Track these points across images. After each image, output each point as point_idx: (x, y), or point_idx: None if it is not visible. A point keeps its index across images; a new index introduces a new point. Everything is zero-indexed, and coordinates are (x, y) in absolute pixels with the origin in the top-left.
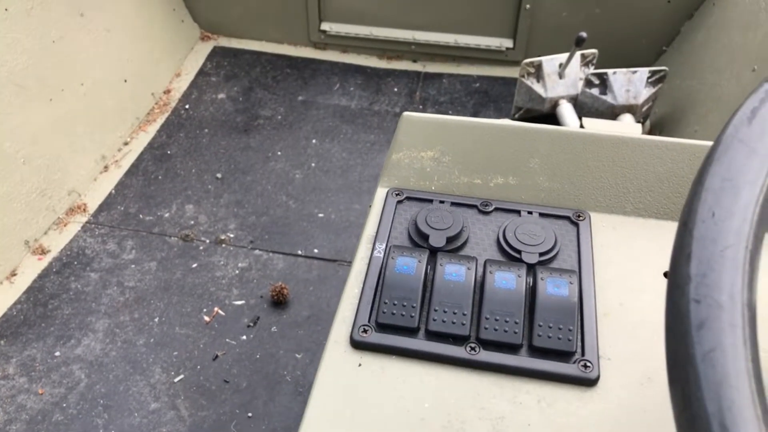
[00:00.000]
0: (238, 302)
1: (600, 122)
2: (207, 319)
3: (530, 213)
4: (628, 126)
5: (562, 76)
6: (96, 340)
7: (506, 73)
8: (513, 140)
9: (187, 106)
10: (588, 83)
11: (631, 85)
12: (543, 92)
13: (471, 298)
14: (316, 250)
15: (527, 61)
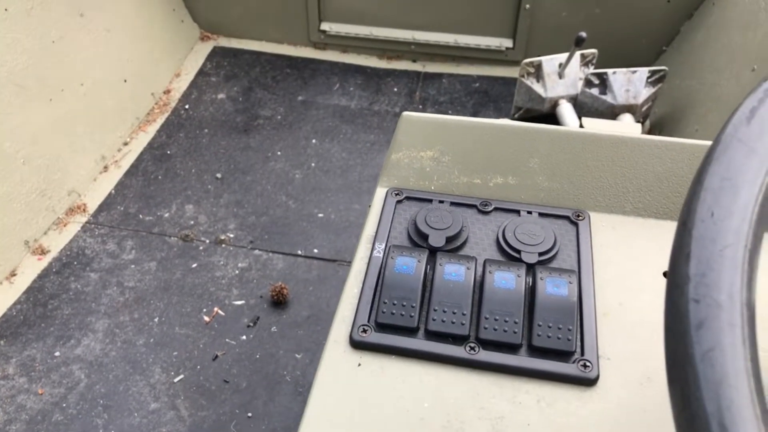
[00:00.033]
0: (238, 302)
1: (600, 122)
2: (207, 319)
3: (530, 213)
4: (627, 126)
5: (561, 76)
6: (96, 340)
7: (506, 73)
8: (513, 140)
9: (186, 106)
10: (588, 83)
11: (630, 84)
12: (543, 92)
13: (470, 298)
14: (315, 250)
15: (527, 61)
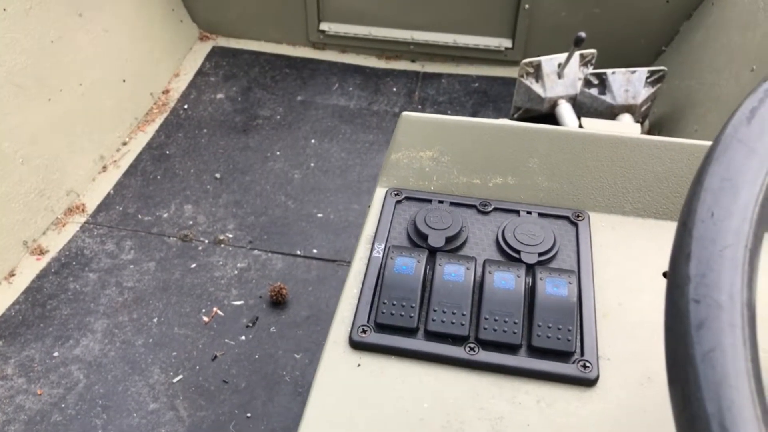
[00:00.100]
0: (237, 302)
1: (599, 122)
2: (206, 319)
3: (529, 213)
4: (627, 126)
5: (561, 76)
6: (95, 340)
7: (505, 73)
8: (512, 140)
9: (185, 106)
10: (587, 83)
11: (630, 85)
12: (542, 92)
13: (470, 298)
14: (315, 250)
15: (526, 61)
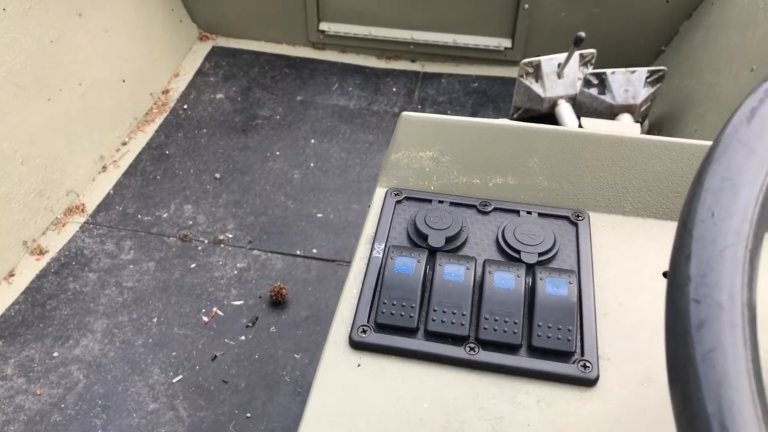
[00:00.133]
0: (237, 302)
1: (599, 122)
2: (206, 319)
3: (529, 213)
4: (626, 126)
5: (560, 76)
6: (94, 340)
7: (505, 72)
8: (512, 140)
9: (185, 106)
10: (586, 83)
11: (629, 84)
12: (542, 92)
13: (470, 298)
14: (314, 250)
15: (526, 60)
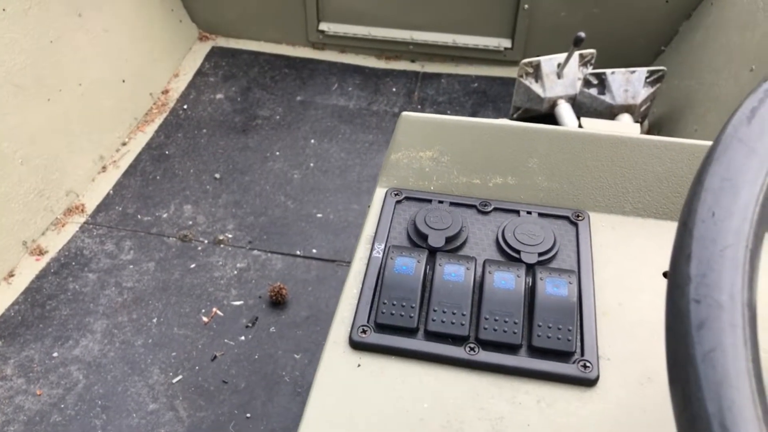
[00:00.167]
0: (237, 303)
1: (598, 122)
2: (205, 319)
3: (529, 213)
4: (626, 126)
5: (560, 76)
6: (94, 340)
7: (504, 73)
8: (512, 140)
9: (185, 107)
10: (586, 83)
11: (629, 84)
12: (541, 92)
13: (470, 299)
14: (314, 251)
15: (525, 61)
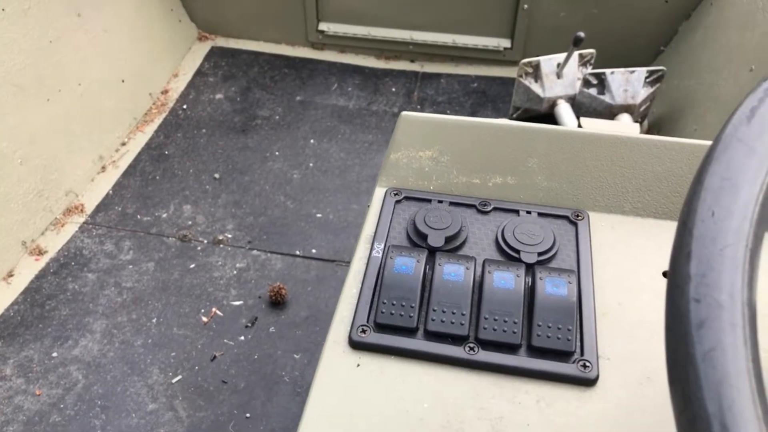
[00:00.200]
0: (236, 303)
1: (598, 122)
2: (205, 319)
3: (529, 213)
4: (626, 126)
5: (560, 76)
6: (93, 340)
7: (504, 73)
8: (511, 140)
9: (184, 107)
10: (586, 83)
11: (629, 84)
12: (541, 92)
13: (470, 298)
14: (314, 251)
15: (525, 61)
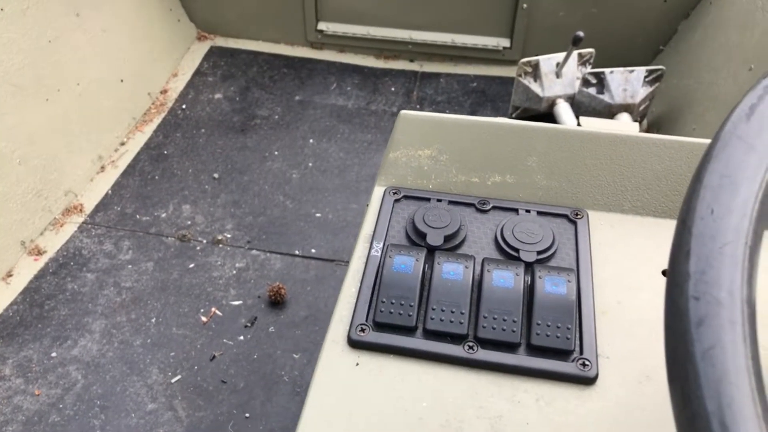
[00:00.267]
0: (236, 302)
1: (597, 121)
2: (204, 319)
3: (528, 211)
4: (625, 125)
5: (559, 76)
6: (93, 340)
7: (503, 72)
8: (510, 138)
9: (183, 106)
10: (585, 82)
11: (628, 84)
12: (540, 91)
13: (469, 297)
14: (313, 250)
15: (524, 60)
